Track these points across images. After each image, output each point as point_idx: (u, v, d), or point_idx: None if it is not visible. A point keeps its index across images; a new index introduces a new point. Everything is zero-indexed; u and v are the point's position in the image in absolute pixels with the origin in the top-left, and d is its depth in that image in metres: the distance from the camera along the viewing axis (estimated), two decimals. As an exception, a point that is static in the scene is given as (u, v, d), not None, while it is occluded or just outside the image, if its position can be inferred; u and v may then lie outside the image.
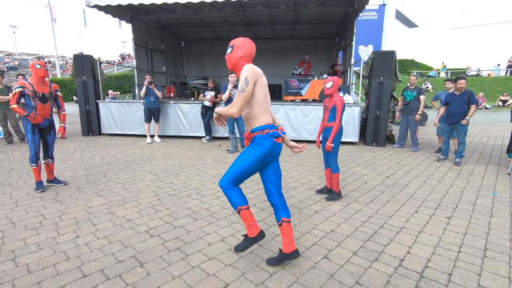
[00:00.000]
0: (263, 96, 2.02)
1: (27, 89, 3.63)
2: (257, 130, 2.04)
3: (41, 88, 3.74)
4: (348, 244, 2.57)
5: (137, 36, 9.55)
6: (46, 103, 3.80)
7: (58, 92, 3.98)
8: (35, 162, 3.81)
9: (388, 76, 6.69)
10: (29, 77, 3.85)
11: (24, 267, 2.21)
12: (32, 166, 3.82)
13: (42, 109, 3.76)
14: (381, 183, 4.30)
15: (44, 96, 3.76)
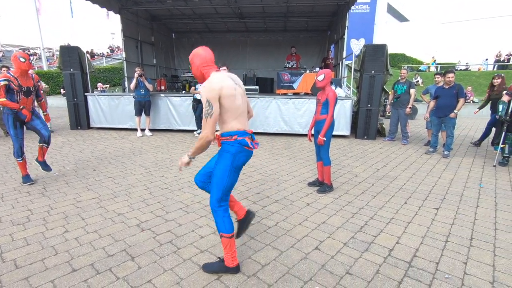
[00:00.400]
0: (231, 103, 1.91)
1: (12, 83, 3.50)
2: (226, 135, 1.96)
3: (26, 82, 3.62)
4: (339, 236, 2.60)
5: (126, 28, 9.33)
6: (29, 97, 3.69)
7: (39, 83, 3.86)
8: (20, 156, 3.72)
9: (380, 70, 6.73)
10: (12, 69, 3.71)
11: (11, 263, 2.17)
12: (18, 160, 3.73)
13: (25, 102, 3.65)
14: (371, 175, 4.35)
15: (28, 90, 3.65)
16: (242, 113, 2.00)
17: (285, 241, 2.50)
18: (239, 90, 1.99)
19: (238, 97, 1.96)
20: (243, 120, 2.01)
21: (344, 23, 8.07)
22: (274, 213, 3.04)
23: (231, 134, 1.95)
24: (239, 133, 1.96)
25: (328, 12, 9.88)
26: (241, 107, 1.99)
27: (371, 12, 14.14)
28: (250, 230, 2.67)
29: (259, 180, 4.05)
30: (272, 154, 5.55)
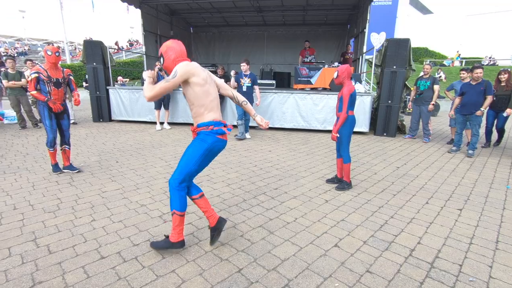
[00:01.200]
0: (203, 94, 2.01)
1: (42, 74, 3.68)
2: (202, 126, 2.07)
3: (55, 73, 3.79)
4: (358, 233, 2.59)
5: (146, 22, 9.49)
6: (60, 88, 3.86)
7: (70, 76, 4.03)
8: (53, 146, 3.93)
9: (402, 65, 6.54)
10: (39, 62, 3.87)
11: (45, 248, 2.30)
12: (49, 149, 3.93)
13: (56, 94, 3.82)
14: (391, 173, 4.28)
15: (58, 81, 3.81)
16: (216, 105, 2.13)
17: (304, 237, 2.52)
18: (212, 82, 2.12)
19: (211, 89, 2.08)
20: (217, 111, 2.13)
21: (365, 16, 7.86)
22: (292, 209, 3.06)
23: (207, 124, 2.06)
24: (215, 124, 2.08)
25: (348, 5, 9.65)
26: (215, 99, 2.11)
27: (393, 5, 13.68)
28: (268, 225, 2.71)
29: (276, 176, 4.07)
30: (290, 149, 5.55)
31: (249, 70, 6.23)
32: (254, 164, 4.60)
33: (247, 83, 6.16)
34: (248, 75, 6.17)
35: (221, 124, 2.11)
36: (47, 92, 3.74)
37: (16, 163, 4.47)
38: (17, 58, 23.31)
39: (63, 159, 4.14)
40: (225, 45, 13.10)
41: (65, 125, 4.04)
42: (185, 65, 1.97)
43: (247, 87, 6.18)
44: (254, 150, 5.47)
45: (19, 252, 2.24)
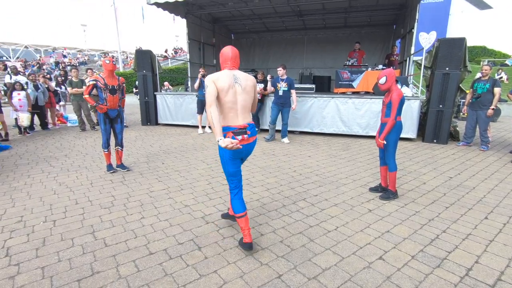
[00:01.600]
0: (223, 97, 2.17)
1: (99, 82, 4.10)
2: (223, 130, 2.19)
3: (111, 81, 4.18)
4: (405, 247, 2.44)
5: (190, 31, 9.99)
6: (115, 95, 4.24)
7: (123, 84, 4.44)
8: (107, 147, 4.33)
9: (456, 66, 6.03)
10: (96, 71, 4.32)
11: (101, 241, 2.53)
12: (104, 151, 4.34)
13: (111, 100, 4.21)
14: (443, 184, 3.95)
15: (113, 88, 4.19)
16: (232, 108, 2.22)
17: (346, 247, 2.44)
18: (235, 88, 2.23)
19: (231, 93, 2.20)
20: (233, 115, 2.23)
21: (414, 15, 7.42)
22: (333, 217, 2.98)
23: (225, 129, 2.23)
24: (224, 129, 2.21)
25: (395, 5, 9.19)
26: (231, 102, 2.20)
27: (446, 2, 12.71)
28: (308, 232, 2.67)
29: (316, 182, 4.00)
30: (330, 155, 5.41)
31: (285, 75, 6.27)
32: (293, 169, 4.57)
33: (283, 87, 6.21)
34: (285, 80, 6.21)
35: (229, 129, 2.22)
36: (103, 98, 4.14)
37: (78, 162, 4.97)
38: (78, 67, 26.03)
39: (116, 158, 4.53)
40: (265, 50, 13.25)
41: (118, 128, 4.42)
42: (210, 76, 2.20)
43: (284, 91, 6.22)
44: (293, 155, 5.43)
45: (80, 243, 2.48)
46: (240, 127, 2.24)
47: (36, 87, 7.73)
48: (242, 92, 2.25)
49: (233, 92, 2.21)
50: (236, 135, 2.21)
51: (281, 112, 6.40)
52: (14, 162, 4.94)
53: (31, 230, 2.71)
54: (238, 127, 2.23)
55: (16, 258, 2.28)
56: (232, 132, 2.21)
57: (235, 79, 2.24)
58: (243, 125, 2.25)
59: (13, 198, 3.44)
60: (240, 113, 2.25)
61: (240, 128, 2.23)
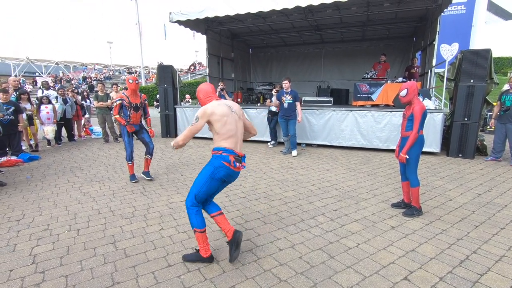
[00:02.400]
0: (221, 126, 2.23)
1: (124, 101, 4.33)
2: (214, 150, 2.28)
3: (134, 99, 4.42)
4: (432, 268, 2.31)
5: (210, 46, 10.30)
6: (138, 112, 4.49)
7: (146, 102, 4.66)
8: (131, 160, 4.52)
9: (481, 78, 5.82)
10: (121, 85, 4.55)
11: (122, 251, 2.57)
12: (128, 163, 4.53)
13: (135, 116, 4.45)
14: (471, 201, 3.75)
15: (136, 106, 4.44)
16: (233, 136, 2.28)
17: (368, 265, 2.35)
18: (233, 116, 2.31)
19: (230, 121, 2.27)
20: (233, 141, 2.28)
21: (435, 28, 7.30)
22: (354, 233, 2.89)
23: (218, 149, 2.26)
24: (225, 150, 2.25)
25: (414, 17, 9.11)
26: (232, 130, 2.28)
27: (468, 13, 12.42)
28: (328, 248, 2.60)
29: (336, 196, 3.91)
30: (349, 169, 5.30)
31: (290, 88, 6.26)
32: (311, 183, 4.50)
33: (288, 100, 6.21)
34: (289, 92, 6.22)
35: (232, 152, 2.25)
36: (128, 115, 4.37)
37: (101, 172, 5.15)
38: (103, 81, 27.36)
39: (144, 165, 4.74)
40: (282, 64, 13.40)
41: (147, 137, 4.64)
42: (204, 110, 2.25)
43: (288, 103, 6.22)
44: (311, 168, 5.37)
45: (102, 253, 2.54)
46: (240, 154, 2.32)
47: (65, 100, 8.17)
48: (239, 120, 2.37)
49: (234, 121, 2.30)
50: (236, 161, 2.27)
51: (287, 124, 6.37)
52: (42, 172, 5.18)
53: (57, 238, 2.80)
54: (239, 154, 2.30)
55: (42, 266, 2.35)
56: (234, 157, 2.25)
57: (230, 108, 2.33)
58: (242, 154, 2.34)
59: (40, 207, 3.59)
60: (239, 140, 2.35)
61: (239, 156, 2.30)
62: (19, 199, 3.88)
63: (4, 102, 5.63)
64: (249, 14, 7.42)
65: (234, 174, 2.31)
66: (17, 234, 2.90)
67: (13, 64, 31.65)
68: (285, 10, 7.20)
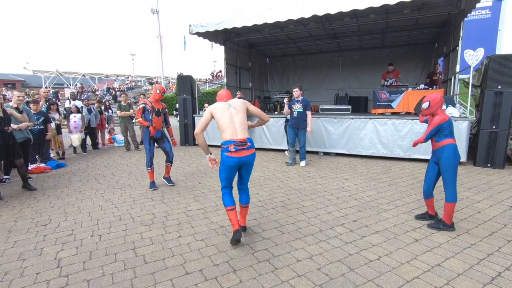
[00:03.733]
0: (219, 119, 2.78)
1: (148, 105, 4.51)
2: (221, 144, 2.80)
3: (157, 105, 4.65)
4: (461, 284, 2.18)
5: (228, 56, 10.50)
6: (159, 117, 4.66)
7: (166, 110, 4.83)
8: (150, 166, 4.66)
9: (509, 84, 5.55)
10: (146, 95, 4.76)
11: (141, 257, 2.61)
12: (148, 169, 4.67)
13: (157, 121, 4.61)
14: (502, 213, 3.54)
15: (158, 111, 4.62)
16: (229, 127, 2.75)
17: (390, 279, 2.25)
18: (230, 111, 2.81)
19: (225, 115, 2.78)
20: (231, 131, 2.74)
21: (458, 33, 7.08)
22: (375, 245, 2.79)
23: (222, 143, 2.78)
24: (224, 142, 2.75)
25: (436, 23, 8.90)
26: (227, 122, 2.75)
27: (493, 17, 11.99)
28: (348, 260, 2.52)
29: (355, 207, 3.81)
30: (369, 178, 5.16)
31: (301, 96, 6.14)
32: (330, 192, 4.42)
33: (298, 108, 6.07)
34: (300, 101, 6.08)
35: (230, 142, 2.70)
36: (150, 120, 4.53)
37: (122, 180, 5.30)
38: (126, 92, 28.41)
39: (165, 171, 4.94)
40: (299, 72, 13.41)
41: (168, 147, 4.82)
42: (210, 106, 2.89)
43: (298, 112, 6.07)
44: (329, 177, 5.27)
45: (122, 259, 2.59)
46: (240, 140, 2.71)
47: (89, 110, 8.55)
48: (236, 114, 2.80)
49: (229, 114, 2.78)
50: (237, 145, 2.68)
51: (297, 135, 6.20)
52: (68, 179, 5.41)
53: (80, 243, 2.90)
54: (238, 141, 2.70)
55: (66, 270, 2.43)
56: (234, 144, 2.68)
57: (229, 105, 2.84)
58: (243, 139, 2.73)
59: (66, 212, 3.73)
60: (239, 130, 2.75)
61: (240, 141, 2.70)
62: (46, 204, 4.06)
63: (34, 112, 5.98)
64: (266, 24, 7.53)
65: (241, 160, 2.73)
66: (44, 238, 3.02)
67: (44, 77, 33.61)
68: (302, 19, 7.25)
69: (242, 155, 2.72)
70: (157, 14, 21.55)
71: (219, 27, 7.92)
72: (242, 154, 2.71)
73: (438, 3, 7.21)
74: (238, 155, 2.70)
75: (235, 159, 2.71)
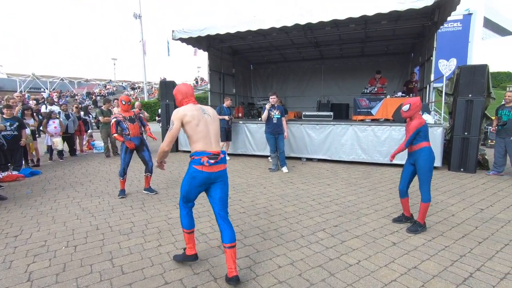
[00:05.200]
0: (192, 128, 2.32)
1: (119, 118, 4.52)
2: (191, 155, 2.37)
3: (127, 113, 4.62)
4: (435, 286, 2.26)
5: (212, 62, 10.49)
6: (134, 123, 4.64)
7: (140, 114, 4.87)
8: (123, 176, 4.61)
9: (479, 93, 5.88)
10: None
11: (119, 268, 2.53)
12: (120, 178, 4.61)
13: (133, 128, 4.59)
14: (473, 216, 3.70)
15: (131, 118, 4.62)
16: (205, 137, 2.35)
17: (369, 283, 2.29)
18: (205, 118, 2.39)
19: (201, 123, 2.35)
20: (206, 141, 2.34)
21: (432, 44, 7.43)
22: (355, 249, 2.84)
23: (192, 154, 2.36)
24: (197, 153, 2.32)
25: (411, 34, 9.31)
26: (203, 131, 2.35)
27: (464, 30, 12.68)
28: (329, 265, 2.55)
29: (336, 212, 3.88)
30: (349, 184, 5.27)
31: (277, 103, 6.30)
32: (312, 198, 4.47)
33: (276, 115, 6.19)
34: (277, 107, 6.24)
35: (203, 154, 2.30)
36: (126, 128, 4.52)
37: (101, 187, 5.14)
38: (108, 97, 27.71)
39: (145, 182, 4.82)
40: (283, 79, 13.59)
41: (147, 156, 4.74)
42: (176, 113, 2.35)
43: (277, 118, 6.19)
44: (311, 183, 5.34)
45: (99, 270, 2.50)
46: (214, 152, 2.35)
47: (67, 116, 8.27)
48: (212, 122, 2.44)
49: (204, 123, 2.37)
50: (210, 159, 2.30)
51: (277, 140, 6.29)
52: (42, 187, 5.18)
53: (53, 255, 2.77)
54: (213, 153, 2.33)
55: (37, 283, 2.31)
56: (207, 157, 2.30)
57: (203, 111, 2.43)
58: (217, 151, 2.37)
59: (39, 223, 3.57)
60: (214, 140, 2.40)
61: (214, 154, 2.33)
62: (18, 214, 3.86)
63: (8, 117, 5.71)
64: (250, 32, 7.60)
65: (212, 175, 2.33)
66: (14, 250, 2.87)
67: (19, 80, 32.25)
68: (285, 28, 7.38)
69: (214, 170, 2.32)
70: (140, 19, 21.32)
71: (202, 33, 7.92)
72: (214, 169, 2.32)
73: (413, 15, 7.56)
74: (210, 170, 2.30)
75: (205, 174, 2.30)
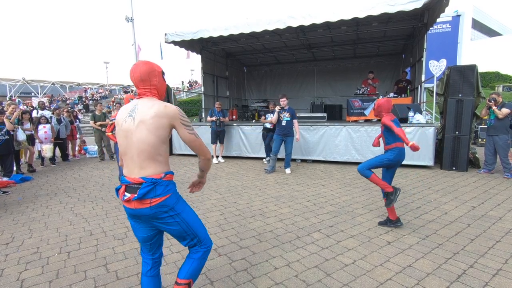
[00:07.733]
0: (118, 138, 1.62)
1: None
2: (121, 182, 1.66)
3: None
4: (430, 283, 2.28)
5: (205, 65, 10.49)
6: None
7: None
8: None
9: (469, 93, 5.99)
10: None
11: (113, 273, 2.50)
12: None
13: None
14: (466, 214, 3.76)
15: None
16: (124, 154, 1.60)
17: (365, 282, 2.31)
18: (127, 124, 1.56)
19: (121, 131, 1.59)
20: (126, 163, 1.61)
21: (422, 45, 7.56)
22: (350, 249, 2.86)
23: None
24: (121, 179, 1.63)
25: (402, 35, 9.45)
26: (122, 145, 1.60)
27: (453, 31, 12.91)
28: (325, 266, 2.56)
29: (331, 212, 3.89)
30: (344, 184, 5.31)
31: (287, 105, 6.24)
32: (307, 199, 4.49)
33: (286, 117, 6.17)
34: (287, 110, 6.21)
35: (124, 181, 1.60)
36: None
37: (94, 192, 5.08)
38: (100, 101, 27.45)
39: None
40: (276, 81, 13.65)
41: None
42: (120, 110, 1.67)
43: (286, 121, 6.16)
44: (306, 184, 5.36)
45: (93, 276, 2.47)
46: (135, 181, 1.55)
47: (59, 120, 8.17)
48: (136, 129, 1.54)
49: (124, 130, 1.57)
50: (127, 191, 1.59)
51: (285, 142, 6.27)
52: (34, 193, 5.10)
53: (46, 261, 2.73)
54: (132, 181, 1.56)
55: (30, 291, 2.27)
56: (125, 187, 1.60)
57: (131, 110, 1.58)
58: (138, 180, 1.54)
59: (31, 229, 3.51)
60: (137, 160, 1.55)
61: (134, 183, 1.56)
62: (9, 221, 3.79)
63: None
64: (243, 35, 7.63)
65: (133, 213, 1.59)
66: (5, 258, 2.81)
67: (8, 85, 31.73)
68: (278, 30, 7.43)
69: (132, 207, 1.57)
70: (132, 22, 21.20)
71: (195, 36, 7.92)
72: (132, 206, 1.57)
73: (403, 17, 7.68)
74: (129, 206, 1.58)
75: (127, 210, 1.62)
